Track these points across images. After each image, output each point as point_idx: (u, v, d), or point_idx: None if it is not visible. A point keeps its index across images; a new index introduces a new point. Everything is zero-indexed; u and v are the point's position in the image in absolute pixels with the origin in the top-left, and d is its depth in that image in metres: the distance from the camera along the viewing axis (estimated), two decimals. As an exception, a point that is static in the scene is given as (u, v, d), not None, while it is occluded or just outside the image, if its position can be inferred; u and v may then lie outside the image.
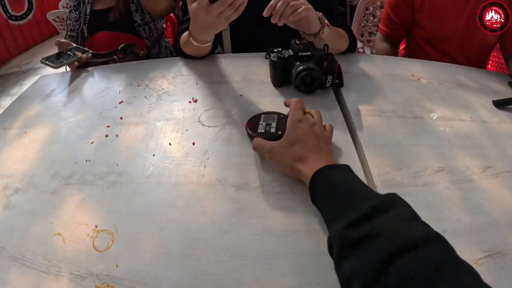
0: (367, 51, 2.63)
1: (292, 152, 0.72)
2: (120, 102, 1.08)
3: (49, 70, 1.27)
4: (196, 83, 1.14)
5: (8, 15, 6.50)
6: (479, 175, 0.81)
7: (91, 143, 0.91)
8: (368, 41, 2.58)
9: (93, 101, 1.12)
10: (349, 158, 0.82)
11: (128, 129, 0.95)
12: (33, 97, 1.24)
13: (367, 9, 2.49)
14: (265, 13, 0.97)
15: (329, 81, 1.03)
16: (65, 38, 1.81)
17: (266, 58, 1.07)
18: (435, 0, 1.57)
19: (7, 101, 4.52)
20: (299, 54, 1.01)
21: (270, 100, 1.02)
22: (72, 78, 1.31)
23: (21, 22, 6.84)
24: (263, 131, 0.85)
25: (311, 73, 0.99)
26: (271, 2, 0.97)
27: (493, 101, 1.12)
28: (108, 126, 0.96)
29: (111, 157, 0.85)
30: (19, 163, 0.91)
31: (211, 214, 0.69)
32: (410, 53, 1.82)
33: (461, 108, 1.06)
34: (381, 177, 0.78)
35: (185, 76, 1.20)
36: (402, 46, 1.96)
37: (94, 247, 0.65)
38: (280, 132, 0.82)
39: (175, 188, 0.75)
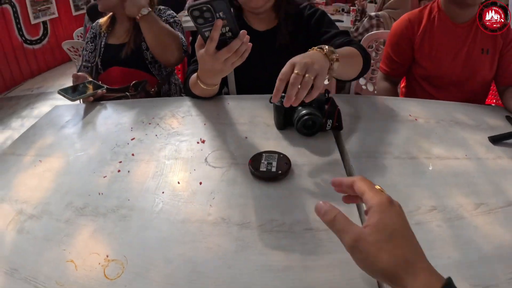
0: (370, 88, 2.69)
1: (392, 250, 0.52)
2: (132, 139, 1.14)
3: (60, 98, 1.35)
4: (204, 124, 1.20)
5: (24, 38, 6.69)
6: (472, 212, 0.84)
7: (104, 177, 0.97)
8: (371, 78, 2.65)
9: (106, 136, 1.19)
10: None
11: (139, 166, 1.00)
12: (47, 127, 1.31)
13: (370, 46, 2.57)
14: (274, 100, 0.92)
15: (329, 125, 1.10)
16: (79, 69, 1.91)
17: (270, 102, 1.14)
18: (434, 40, 1.66)
19: (18, 123, 4.71)
20: None
21: (274, 143, 1.08)
22: (86, 111, 1.38)
23: (36, 46, 7.03)
24: (264, 169, 0.92)
25: (312, 117, 1.05)
26: (277, 86, 0.90)
27: (489, 137, 1.16)
28: (120, 162, 1.02)
29: (123, 192, 0.91)
30: (33, 191, 0.96)
31: (215, 249, 0.74)
32: (410, 91, 1.88)
33: (457, 146, 1.10)
34: (375, 218, 0.82)
35: (194, 117, 1.27)
36: (402, 84, 2.02)
37: (105, 275, 0.69)
38: (280, 172, 0.91)
39: (182, 224, 0.80)
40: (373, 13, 3.49)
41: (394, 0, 3.46)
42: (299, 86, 0.87)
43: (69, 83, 1.53)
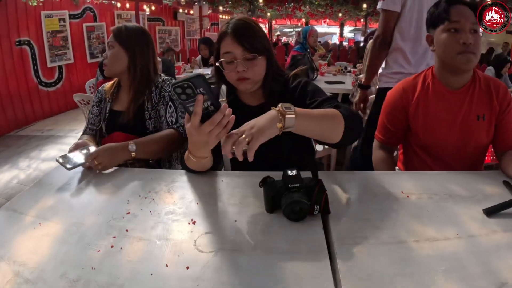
0: None
1: None
2: (128, 213, 1.18)
3: (68, 142, 1.42)
4: (197, 203, 1.24)
5: (39, 80, 7.01)
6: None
7: (98, 251, 1.00)
8: None
9: (103, 207, 1.23)
10: (324, 288, 0.87)
11: (132, 243, 1.04)
12: (50, 187, 1.38)
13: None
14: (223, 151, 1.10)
15: (316, 210, 1.12)
16: (84, 131, 1.98)
17: (260, 186, 1.18)
18: (428, 108, 1.67)
19: (25, 163, 4.84)
20: (289, 185, 1.10)
21: (261, 228, 1.09)
22: (87, 176, 1.46)
23: (50, 89, 7.31)
24: None
25: (299, 204, 1.08)
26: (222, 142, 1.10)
27: (483, 210, 1.15)
28: (114, 237, 1.06)
29: (114, 269, 0.93)
30: (31, 254, 0.99)
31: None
32: (406, 159, 1.88)
33: (449, 225, 1.09)
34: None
35: (188, 194, 1.31)
36: (400, 151, 2.01)
37: None
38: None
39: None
40: (360, 75, 3.66)
41: None
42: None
43: (79, 127, 1.61)
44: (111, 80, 2.07)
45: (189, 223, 1.13)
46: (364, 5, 11.98)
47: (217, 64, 1.50)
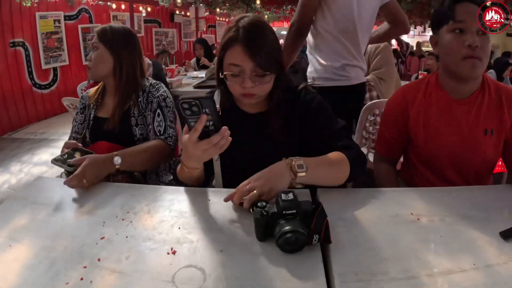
0: (371, 157, 2.64)
1: None
2: (102, 238, 1.07)
3: (60, 146, 1.35)
4: (179, 228, 1.12)
5: (33, 82, 7.08)
6: None
7: (66, 283, 0.90)
8: (373, 147, 2.60)
9: (77, 229, 1.13)
10: None
11: (103, 276, 0.92)
12: (26, 202, 1.30)
13: (373, 114, 2.53)
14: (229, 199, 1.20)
15: (315, 240, 0.98)
16: (69, 139, 1.88)
17: (250, 211, 1.07)
18: (429, 120, 1.56)
19: (17, 167, 4.89)
20: (284, 212, 0.99)
21: (251, 261, 0.96)
22: (65, 191, 1.36)
23: (44, 91, 7.41)
24: None
25: (295, 234, 0.95)
26: (232, 193, 1.19)
27: (500, 233, 1.05)
28: (85, 267, 0.95)
29: None
30: None
31: None
32: (406, 173, 1.79)
33: (464, 253, 0.99)
34: None
35: (169, 216, 1.19)
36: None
37: None
38: None
39: None
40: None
41: (377, 60, 3.50)
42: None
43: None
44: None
45: (168, 253, 1.00)
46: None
47: (220, 76, 1.37)
